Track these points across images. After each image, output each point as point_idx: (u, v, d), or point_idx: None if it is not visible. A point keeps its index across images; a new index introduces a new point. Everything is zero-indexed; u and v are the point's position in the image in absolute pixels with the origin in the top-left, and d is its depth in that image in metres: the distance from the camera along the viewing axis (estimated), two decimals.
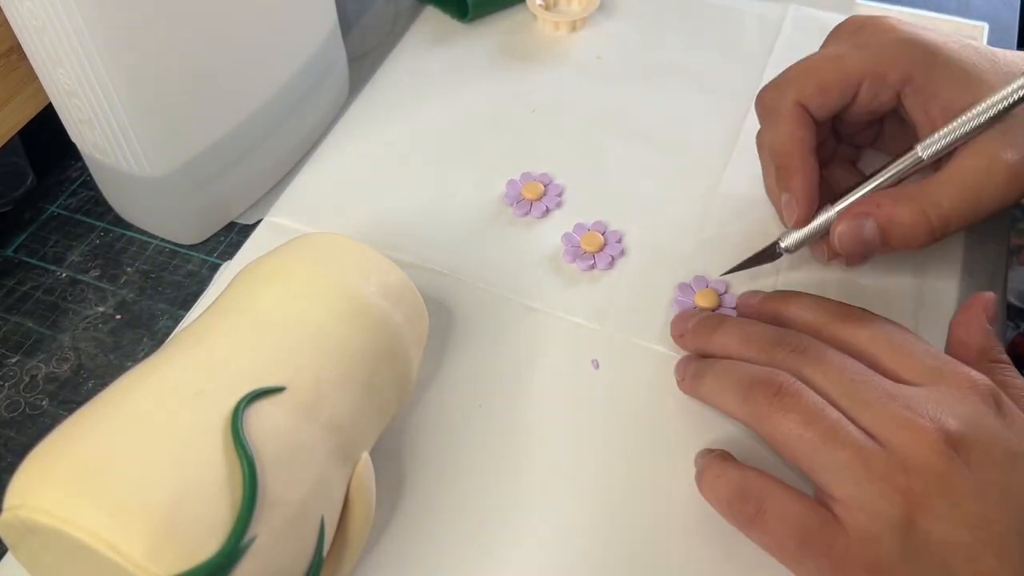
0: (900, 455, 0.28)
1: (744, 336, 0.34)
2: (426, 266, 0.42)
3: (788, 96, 0.37)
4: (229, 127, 0.42)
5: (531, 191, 0.44)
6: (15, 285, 0.43)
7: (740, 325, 0.35)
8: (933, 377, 0.30)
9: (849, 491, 0.29)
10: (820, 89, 0.37)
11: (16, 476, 0.26)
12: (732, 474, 0.32)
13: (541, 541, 0.33)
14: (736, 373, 0.33)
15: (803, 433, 0.29)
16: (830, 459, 0.29)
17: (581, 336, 0.39)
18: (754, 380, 0.32)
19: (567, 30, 0.53)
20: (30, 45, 0.37)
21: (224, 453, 0.26)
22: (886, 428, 0.29)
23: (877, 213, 0.35)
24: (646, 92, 0.50)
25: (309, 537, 0.28)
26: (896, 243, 0.36)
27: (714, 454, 0.33)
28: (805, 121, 0.37)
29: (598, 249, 0.42)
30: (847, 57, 0.37)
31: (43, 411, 0.39)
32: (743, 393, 0.32)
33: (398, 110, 0.49)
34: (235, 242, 0.45)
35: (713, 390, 0.34)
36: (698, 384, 0.35)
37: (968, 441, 0.28)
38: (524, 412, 0.37)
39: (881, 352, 0.32)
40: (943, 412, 0.29)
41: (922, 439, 0.28)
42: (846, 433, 0.29)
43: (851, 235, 0.36)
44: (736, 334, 0.35)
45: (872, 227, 0.35)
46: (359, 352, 0.31)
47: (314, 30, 0.45)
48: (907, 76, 0.36)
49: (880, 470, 0.28)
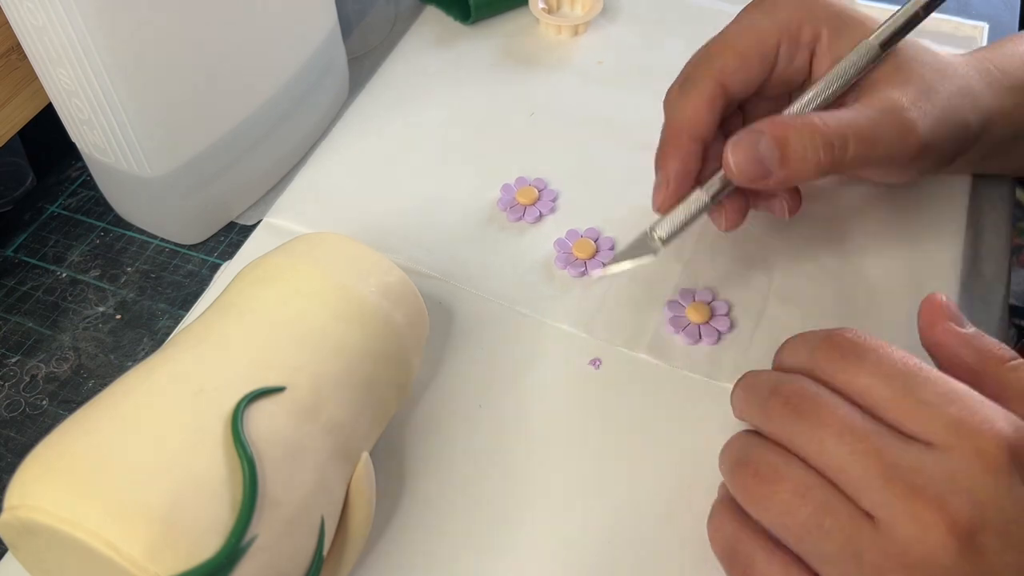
0: (901, 548, 0.25)
1: (745, 385, 0.31)
2: (417, 269, 0.42)
3: (711, 70, 0.36)
4: (229, 127, 0.42)
5: (525, 196, 0.44)
6: (15, 285, 0.43)
7: (746, 378, 0.31)
8: (947, 437, 0.25)
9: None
10: (742, 60, 0.36)
11: (16, 476, 0.26)
12: (727, 530, 0.29)
13: (541, 541, 0.33)
14: (729, 449, 0.30)
15: (785, 521, 0.27)
16: (816, 549, 0.26)
17: (571, 343, 0.39)
18: (736, 460, 0.29)
19: (569, 34, 0.53)
20: (30, 45, 0.37)
21: (224, 453, 0.26)
22: (886, 513, 0.25)
23: (772, 129, 0.33)
24: (646, 97, 0.49)
25: (309, 537, 0.28)
26: (794, 163, 0.33)
27: (719, 497, 0.31)
28: (715, 102, 0.36)
29: (590, 256, 0.41)
30: (760, 23, 0.37)
31: (43, 411, 0.39)
32: (730, 476, 0.29)
33: (397, 111, 0.49)
34: (235, 242, 0.45)
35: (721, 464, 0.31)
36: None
37: (982, 525, 0.24)
38: (524, 413, 0.37)
39: (885, 401, 0.27)
40: (956, 490, 0.25)
41: (929, 532, 0.24)
42: (832, 522, 0.26)
43: (745, 153, 0.33)
44: (741, 386, 0.31)
45: (767, 143, 0.33)
46: (359, 352, 0.31)
47: (314, 30, 0.45)
48: (817, 33, 0.36)
49: (874, 564, 0.25)
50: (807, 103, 0.35)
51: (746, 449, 0.29)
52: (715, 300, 0.40)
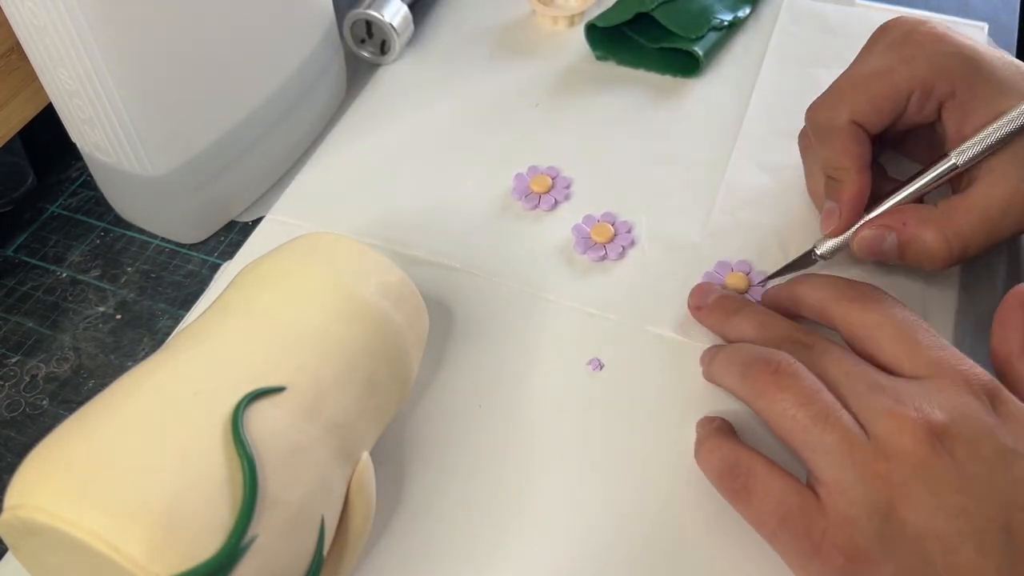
0: (883, 443, 0.29)
1: (759, 324, 0.36)
2: (436, 260, 0.42)
3: (842, 114, 0.37)
4: (229, 126, 0.42)
5: (539, 184, 0.44)
6: (15, 285, 0.43)
7: (758, 314, 0.36)
8: (931, 370, 0.30)
9: (832, 475, 0.29)
10: (873, 106, 0.37)
11: (16, 476, 0.26)
12: (725, 449, 0.32)
13: (542, 541, 0.33)
14: (741, 353, 0.34)
15: (795, 413, 0.30)
16: (817, 441, 0.30)
17: (593, 327, 0.39)
18: (755, 358, 0.33)
19: (565, 25, 0.53)
20: (30, 45, 0.37)
21: (224, 453, 0.26)
22: (872, 416, 0.29)
23: (901, 231, 0.37)
24: (646, 83, 0.50)
25: (309, 537, 0.28)
26: (912, 261, 0.37)
27: (714, 425, 0.34)
28: (860, 137, 0.37)
29: (609, 240, 0.42)
30: (897, 71, 0.37)
31: (43, 411, 0.39)
32: (743, 371, 0.33)
33: (400, 107, 0.50)
34: (235, 242, 0.45)
35: (720, 370, 0.35)
36: (710, 367, 0.36)
37: (953, 434, 0.28)
38: (524, 412, 0.37)
39: (885, 339, 0.32)
40: (932, 405, 0.29)
41: (905, 428, 0.29)
42: (836, 418, 0.30)
43: (871, 244, 0.37)
44: (753, 321, 0.36)
45: (892, 242, 0.37)
46: (359, 352, 0.31)
47: (311, 28, 0.45)
48: (951, 90, 0.36)
49: (863, 456, 0.29)
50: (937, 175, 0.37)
51: (760, 353, 0.33)
52: (751, 272, 0.41)
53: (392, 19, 0.50)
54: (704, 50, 0.49)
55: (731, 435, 0.34)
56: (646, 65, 0.51)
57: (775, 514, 0.30)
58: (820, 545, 0.29)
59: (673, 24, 0.49)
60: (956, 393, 0.29)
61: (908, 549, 0.28)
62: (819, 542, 0.29)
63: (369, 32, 0.51)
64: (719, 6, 0.51)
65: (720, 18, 0.51)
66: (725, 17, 0.51)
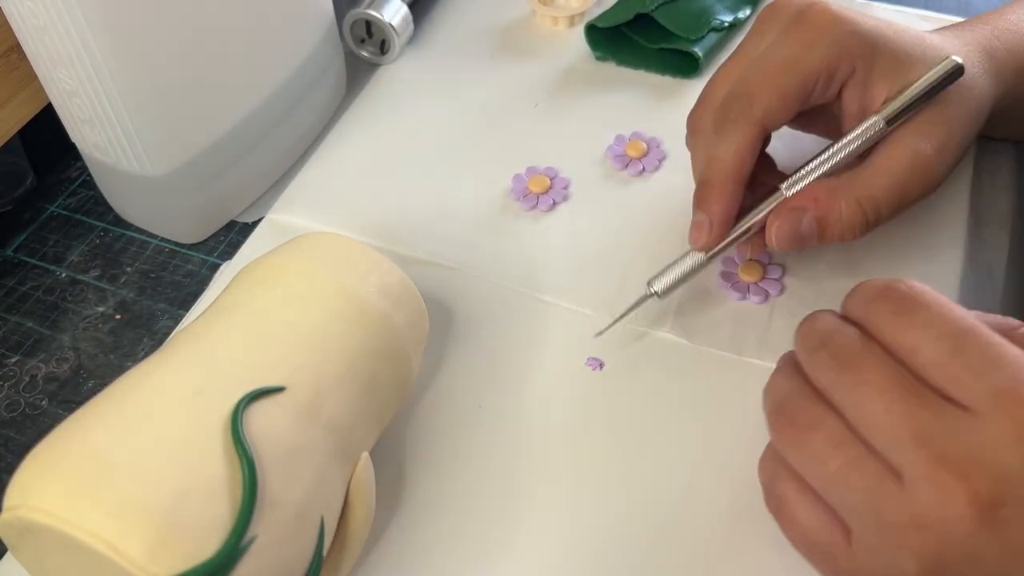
0: (921, 509, 0.25)
1: (805, 331, 0.30)
2: (434, 261, 0.42)
3: (754, 112, 0.36)
4: (229, 126, 0.42)
5: (537, 185, 0.44)
6: (15, 285, 0.43)
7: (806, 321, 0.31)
8: (989, 404, 0.25)
9: (860, 533, 0.27)
10: (783, 102, 0.36)
11: (16, 476, 0.26)
12: (769, 465, 0.30)
13: (542, 541, 0.33)
14: (770, 393, 0.31)
15: (816, 470, 0.28)
16: (842, 498, 0.27)
17: (592, 328, 0.39)
18: (776, 406, 0.30)
19: (565, 25, 0.53)
20: (30, 45, 0.37)
21: (224, 453, 0.26)
22: (912, 473, 0.25)
23: (815, 207, 0.35)
24: (646, 84, 0.50)
25: (309, 537, 0.28)
26: (833, 237, 0.36)
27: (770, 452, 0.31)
28: (756, 144, 0.36)
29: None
30: (802, 60, 0.36)
31: (43, 411, 0.39)
32: (770, 419, 0.30)
33: (399, 107, 0.50)
34: (235, 242, 0.45)
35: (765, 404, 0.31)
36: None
37: (1005, 498, 0.24)
38: (524, 412, 0.37)
39: (935, 364, 0.26)
40: (984, 461, 0.25)
41: (950, 500, 0.25)
42: (859, 475, 0.26)
43: (788, 230, 0.36)
44: (800, 331, 0.30)
45: (810, 221, 0.36)
46: (359, 352, 0.31)
47: (311, 28, 0.45)
48: (851, 68, 0.36)
49: (893, 521, 0.26)
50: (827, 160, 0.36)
51: (788, 394, 0.29)
52: (770, 263, 0.41)
53: (392, 19, 0.50)
54: (704, 51, 0.49)
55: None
56: (646, 66, 0.51)
57: (802, 543, 0.29)
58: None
59: (673, 25, 0.49)
60: (1013, 442, 0.25)
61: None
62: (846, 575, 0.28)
63: (369, 32, 0.51)
64: (719, 7, 0.51)
65: (720, 19, 0.51)
66: (725, 18, 0.51)
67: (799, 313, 0.31)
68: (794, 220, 0.36)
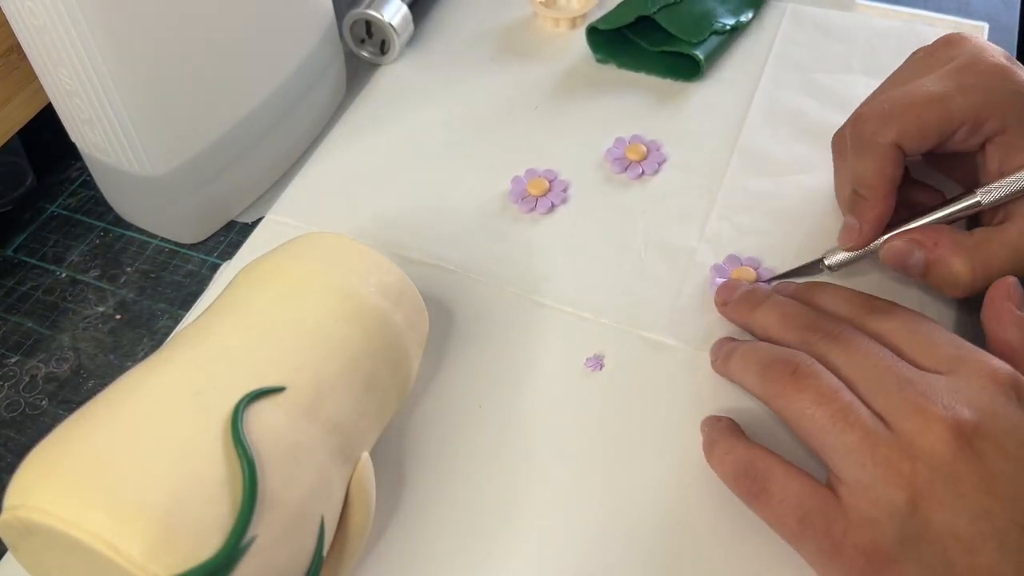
0: (908, 441, 0.29)
1: (783, 315, 0.35)
2: (432, 262, 0.42)
3: (888, 134, 0.36)
4: (228, 126, 0.42)
5: (536, 187, 0.44)
6: (15, 285, 0.43)
7: (781, 305, 0.36)
8: (953, 365, 0.30)
9: (854, 474, 0.29)
10: (921, 131, 0.36)
11: (16, 476, 0.26)
12: (740, 451, 0.32)
13: (541, 541, 0.33)
14: (759, 353, 0.34)
15: (814, 413, 0.30)
16: (838, 441, 0.30)
17: (588, 331, 0.39)
18: (774, 359, 0.33)
19: (567, 27, 0.53)
20: (30, 45, 0.37)
21: (224, 453, 0.26)
22: (898, 414, 0.29)
23: (931, 250, 0.36)
24: (647, 87, 0.50)
25: (309, 537, 0.28)
26: (934, 282, 0.37)
27: (722, 425, 0.34)
28: (898, 160, 0.36)
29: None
30: (952, 100, 0.36)
31: (43, 411, 0.39)
32: (762, 371, 0.33)
33: (399, 108, 0.50)
34: (235, 242, 0.45)
35: (738, 368, 0.35)
36: (727, 363, 0.36)
37: (981, 432, 0.28)
38: (524, 412, 0.37)
39: (904, 342, 0.32)
40: (958, 401, 0.29)
41: (932, 427, 0.28)
42: (856, 416, 0.30)
43: (898, 255, 0.37)
44: (776, 313, 0.36)
45: (920, 259, 0.36)
46: (359, 352, 0.31)
47: (311, 28, 0.45)
48: (1002, 127, 0.36)
49: (885, 455, 0.29)
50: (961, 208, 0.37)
51: (779, 353, 0.33)
52: (760, 268, 0.41)
53: (392, 19, 0.50)
54: (705, 54, 0.49)
55: (742, 435, 0.34)
56: (647, 68, 0.51)
57: (795, 515, 0.30)
58: (841, 545, 0.29)
59: (675, 28, 0.49)
60: (982, 387, 0.29)
61: (929, 549, 0.28)
62: (840, 542, 0.29)
63: (369, 32, 0.51)
64: (721, 10, 0.51)
65: (722, 22, 0.51)
66: (727, 21, 0.51)
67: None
68: (907, 251, 0.37)
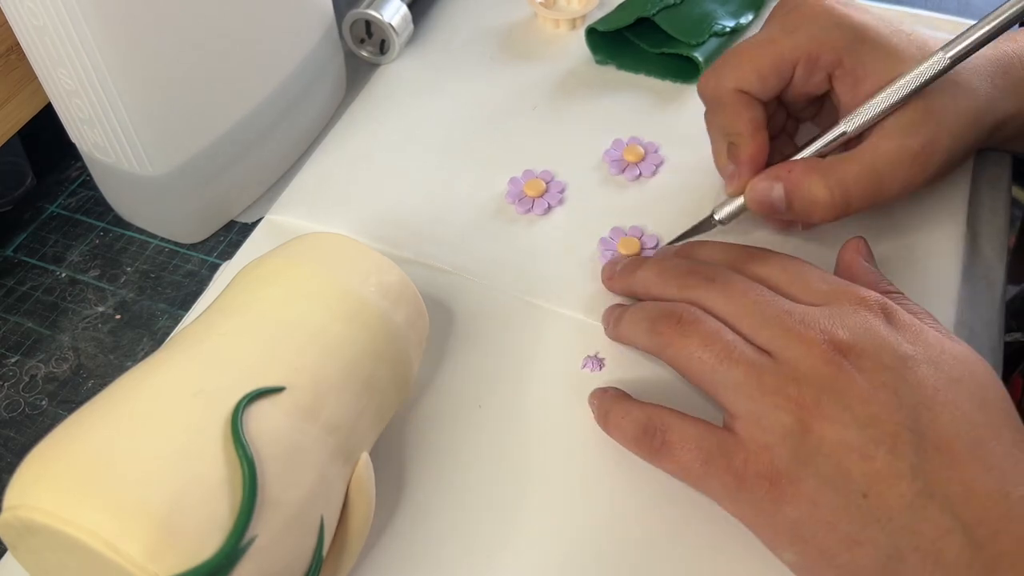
0: (791, 367, 0.30)
1: (661, 270, 0.37)
2: (429, 263, 0.42)
3: (727, 83, 0.39)
4: (228, 126, 0.42)
5: (533, 188, 0.44)
6: (15, 285, 0.43)
7: (660, 262, 0.38)
8: (828, 297, 0.32)
9: (745, 407, 0.31)
10: (757, 74, 0.38)
11: (16, 476, 0.26)
12: (636, 413, 0.33)
13: (541, 541, 0.33)
14: (645, 310, 0.35)
15: (701, 355, 0.32)
16: (726, 378, 0.31)
17: (585, 332, 0.39)
18: (659, 314, 0.34)
19: (567, 28, 0.53)
20: (30, 45, 0.37)
21: (224, 453, 0.26)
22: (779, 343, 0.31)
23: (786, 179, 0.37)
24: (646, 88, 0.50)
25: (309, 537, 0.28)
26: (799, 211, 0.38)
27: (611, 394, 0.35)
28: (749, 103, 0.38)
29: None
30: (779, 41, 0.38)
31: (43, 411, 0.39)
32: (650, 327, 0.34)
33: (398, 108, 0.50)
34: (235, 242, 0.45)
35: (628, 330, 0.36)
36: (617, 328, 0.37)
37: (857, 349, 0.30)
38: (524, 412, 0.37)
39: (781, 282, 0.34)
40: (834, 325, 0.31)
41: (812, 350, 0.30)
42: (740, 352, 0.31)
43: (760, 195, 0.38)
44: (655, 269, 0.37)
45: (780, 192, 0.38)
46: (359, 352, 0.31)
47: (310, 28, 0.45)
48: (837, 60, 0.38)
49: (772, 383, 0.30)
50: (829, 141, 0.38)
51: (662, 308, 0.34)
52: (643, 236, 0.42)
53: (392, 19, 0.50)
54: (705, 56, 0.49)
55: (633, 399, 0.35)
56: (646, 70, 0.51)
57: (697, 459, 0.31)
58: (743, 476, 0.30)
59: (674, 29, 0.49)
60: (854, 312, 0.31)
61: (826, 463, 0.29)
62: (742, 473, 0.30)
63: (369, 32, 0.51)
64: (721, 12, 0.51)
65: (722, 24, 0.50)
66: (727, 23, 0.51)
67: None
68: (767, 188, 0.38)
